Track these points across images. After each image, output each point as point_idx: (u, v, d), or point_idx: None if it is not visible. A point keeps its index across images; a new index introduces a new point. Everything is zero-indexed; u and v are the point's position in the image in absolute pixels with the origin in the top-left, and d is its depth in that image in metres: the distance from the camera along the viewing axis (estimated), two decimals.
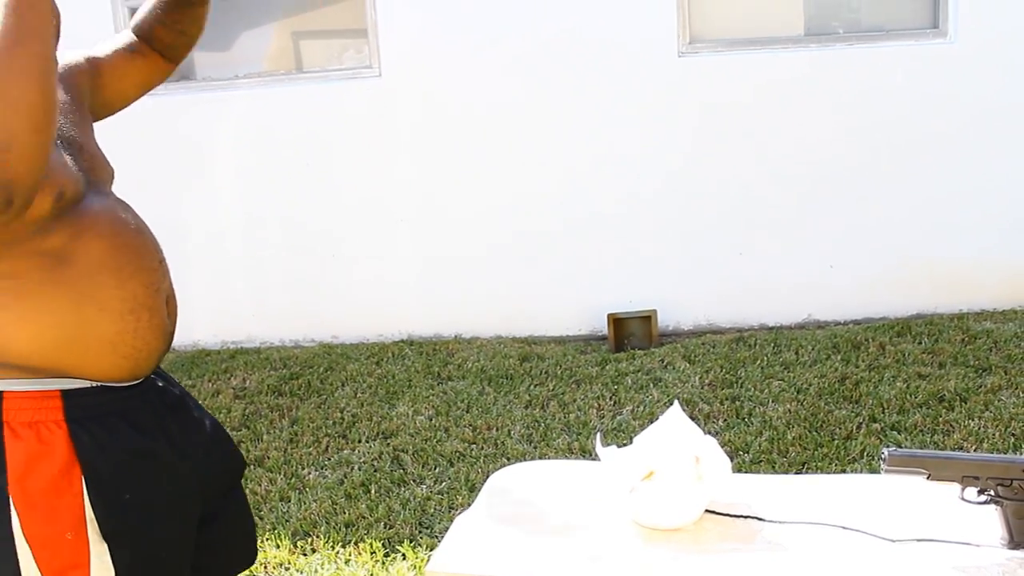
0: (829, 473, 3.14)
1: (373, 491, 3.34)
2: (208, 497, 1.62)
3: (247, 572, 1.74)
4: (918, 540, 1.45)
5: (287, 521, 3.17)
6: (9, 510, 1.37)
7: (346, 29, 5.17)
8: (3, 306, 1.38)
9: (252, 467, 3.63)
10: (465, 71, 4.89)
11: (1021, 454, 3.16)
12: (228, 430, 4.14)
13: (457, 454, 3.59)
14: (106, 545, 1.42)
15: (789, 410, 3.73)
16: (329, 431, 3.91)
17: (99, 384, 1.45)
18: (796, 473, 3.21)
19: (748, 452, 3.40)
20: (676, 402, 1.70)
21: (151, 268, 1.50)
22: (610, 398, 4.01)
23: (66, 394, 1.43)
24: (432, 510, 3.18)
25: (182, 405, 1.62)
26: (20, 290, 1.38)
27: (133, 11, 5.08)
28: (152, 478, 1.49)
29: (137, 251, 1.48)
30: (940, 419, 3.53)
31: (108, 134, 6.16)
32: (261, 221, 5.21)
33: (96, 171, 1.51)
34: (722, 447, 1.63)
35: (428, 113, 4.97)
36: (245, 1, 5.10)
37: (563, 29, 4.79)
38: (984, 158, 4.73)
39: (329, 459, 3.65)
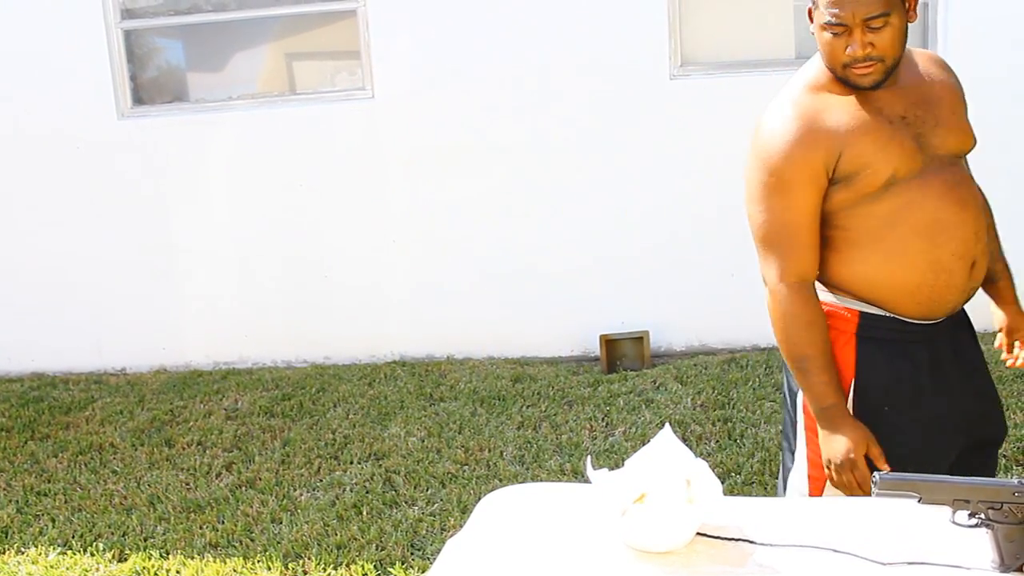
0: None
1: (365, 513, 3.33)
2: (963, 446, 1.93)
3: None
4: (909, 563, 1.45)
5: (278, 543, 3.16)
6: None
7: (339, 51, 5.20)
8: (836, 248, 1.87)
9: (243, 488, 3.61)
10: (458, 93, 4.91)
11: (1011, 477, 3.17)
12: (219, 451, 4.13)
13: (449, 476, 3.58)
14: None
15: (781, 431, 3.73)
16: (321, 452, 3.90)
17: (892, 315, 1.86)
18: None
19: (740, 474, 3.40)
20: (667, 425, 1.70)
21: (962, 239, 1.85)
22: (602, 419, 4.01)
23: (863, 315, 1.87)
24: (424, 532, 3.17)
25: (967, 355, 2.01)
26: (849, 239, 1.85)
27: (127, 33, 5.10)
28: (908, 402, 1.87)
29: (953, 224, 1.83)
30: None
31: (98, 156, 6.11)
32: (254, 242, 5.20)
33: (943, 148, 1.84)
34: (714, 468, 1.64)
35: (421, 135, 4.98)
36: (238, 23, 5.12)
37: (555, 52, 4.81)
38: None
39: (321, 480, 3.64)
